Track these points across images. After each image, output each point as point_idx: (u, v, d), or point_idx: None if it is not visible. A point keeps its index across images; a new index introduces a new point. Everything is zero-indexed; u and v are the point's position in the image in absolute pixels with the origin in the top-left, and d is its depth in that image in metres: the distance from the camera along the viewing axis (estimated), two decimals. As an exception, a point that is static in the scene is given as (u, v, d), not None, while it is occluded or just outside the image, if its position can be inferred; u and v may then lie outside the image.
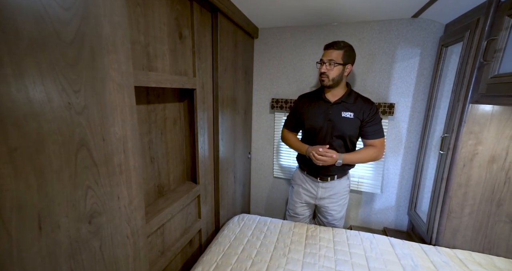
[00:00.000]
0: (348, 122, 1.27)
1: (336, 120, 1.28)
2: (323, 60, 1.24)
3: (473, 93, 1.09)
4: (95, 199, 0.59)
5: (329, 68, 1.21)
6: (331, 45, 1.23)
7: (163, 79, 0.88)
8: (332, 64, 1.20)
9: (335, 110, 1.29)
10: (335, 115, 1.28)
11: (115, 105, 0.62)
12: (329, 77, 1.22)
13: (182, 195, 1.10)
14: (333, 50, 1.21)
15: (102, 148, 0.60)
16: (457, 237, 1.29)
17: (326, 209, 1.45)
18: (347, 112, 1.27)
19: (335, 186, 1.41)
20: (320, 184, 1.41)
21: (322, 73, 1.24)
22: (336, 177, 1.38)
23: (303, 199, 1.49)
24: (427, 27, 1.44)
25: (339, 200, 1.43)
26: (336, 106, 1.29)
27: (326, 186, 1.41)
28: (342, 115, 1.27)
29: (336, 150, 1.30)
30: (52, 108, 0.48)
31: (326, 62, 1.21)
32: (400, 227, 1.78)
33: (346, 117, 1.27)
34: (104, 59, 0.58)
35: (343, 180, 1.42)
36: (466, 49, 1.12)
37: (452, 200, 1.25)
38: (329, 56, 1.21)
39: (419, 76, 1.51)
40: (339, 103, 1.29)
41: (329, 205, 1.43)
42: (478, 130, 1.14)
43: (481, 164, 1.18)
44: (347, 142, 1.31)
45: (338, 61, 1.20)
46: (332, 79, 1.23)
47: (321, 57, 1.26)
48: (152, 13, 0.83)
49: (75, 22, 0.50)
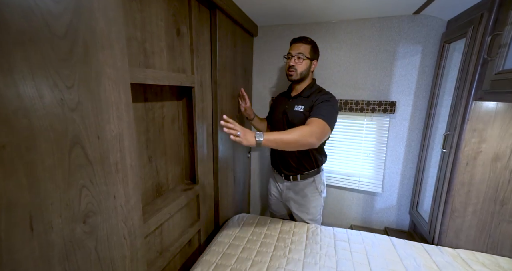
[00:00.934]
0: (298, 115, 1.23)
1: (289, 114, 1.27)
2: (291, 53, 1.22)
3: (477, 90, 1.07)
4: (90, 198, 0.58)
5: (297, 62, 1.21)
6: (298, 39, 1.23)
7: (161, 76, 0.86)
8: (300, 58, 1.20)
9: (291, 104, 1.29)
10: (289, 110, 1.28)
11: (110, 102, 0.61)
12: (297, 71, 1.21)
13: (180, 195, 1.08)
14: (301, 44, 1.21)
15: (97, 146, 0.58)
16: (460, 236, 1.27)
17: (293, 210, 1.44)
18: (299, 105, 1.25)
19: (300, 188, 1.37)
20: (285, 183, 1.41)
21: (290, 67, 1.22)
22: (299, 177, 1.34)
23: (273, 196, 1.52)
24: (429, 24, 1.42)
25: (306, 203, 1.37)
26: (293, 101, 1.30)
27: (290, 185, 1.40)
28: (294, 109, 1.26)
29: None
30: (43, 104, 0.46)
31: (295, 56, 1.20)
32: (402, 227, 1.76)
33: (297, 110, 1.25)
34: (99, 55, 0.56)
35: (308, 182, 1.35)
36: (470, 45, 1.10)
37: (455, 199, 1.23)
38: (297, 49, 1.20)
39: (421, 73, 1.49)
40: (296, 98, 1.29)
41: (295, 206, 1.41)
42: (481, 128, 1.12)
43: (485, 162, 1.16)
44: None
45: (306, 55, 1.20)
46: (300, 73, 1.22)
47: (288, 51, 1.24)
48: (148, 9, 0.82)
49: (66, 15, 0.49)
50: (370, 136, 1.68)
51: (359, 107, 1.60)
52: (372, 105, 1.57)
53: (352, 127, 1.70)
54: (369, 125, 1.66)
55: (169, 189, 1.13)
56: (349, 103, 1.62)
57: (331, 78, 1.66)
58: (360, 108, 1.60)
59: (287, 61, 1.26)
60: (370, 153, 1.70)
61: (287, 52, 1.26)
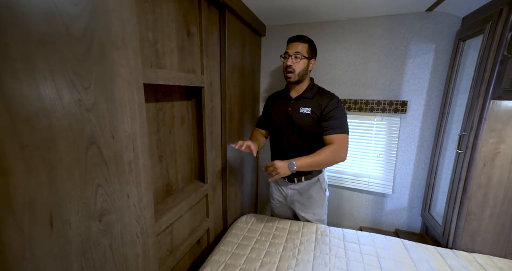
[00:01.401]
0: (305, 118, 1.19)
1: (294, 116, 1.22)
2: (288, 53, 1.17)
3: (495, 88, 1.04)
4: (105, 197, 0.59)
5: (295, 62, 1.16)
6: (296, 38, 1.18)
7: (172, 77, 0.87)
8: (298, 57, 1.15)
9: (294, 106, 1.24)
10: (294, 112, 1.23)
11: (124, 103, 0.62)
12: (295, 72, 1.16)
13: (190, 194, 1.09)
14: (298, 43, 1.16)
15: (112, 145, 0.59)
16: (476, 240, 1.23)
17: (299, 212, 1.40)
18: (305, 108, 1.20)
19: (305, 189, 1.33)
20: (289, 185, 1.36)
21: (287, 67, 1.17)
22: (303, 178, 1.31)
23: (276, 200, 1.46)
24: (442, 21, 1.38)
25: (311, 204, 1.35)
26: (295, 103, 1.24)
27: (294, 187, 1.35)
28: (300, 111, 1.21)
29: (299, 149, 1.24)
30: (62, 104, 0.47)
31: (292, 55, 1.15)
32: (413, 229, 1.72)
33: (303, 113, 1.20)
34: (113, 56, 0.57)
35: (312, 182, 1.32)
36: (487, 42, 1.07)
37: (471, 201, 1.19)
38: (295, 48, 1.16)
39: (434, 72, 1.45)
40: (299, 99, 1.24)
41: (301, 207, 1.37)
42: (500, 128, 1.08)
43: (504, 164, 1.12)
44: (309, 139, 1.23)
45: (304, 54, 1.16)
46: (298, 74, 1.17)
47: (285, 50, 1.19)
48: (160, 10, 0.83)
49: (84, 17, 0.50)
50: (380, 136, 1.65)
51: (369, 107, 1.57)
52: (382, 105, 1.54)
53: (362, 127, 1.68)
54: (379, 125, 1.63)
55: (178, 189, 1.14)
56: (358, 103, 1.60)
57: (340, 77, 1.64)
58: (370, 108, 1.57)
59: (284, 61, 1.21)
60: (380, 153, 1.67)
61: (284, 52, 1.21)
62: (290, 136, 1.26)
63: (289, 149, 1.27)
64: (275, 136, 1.33)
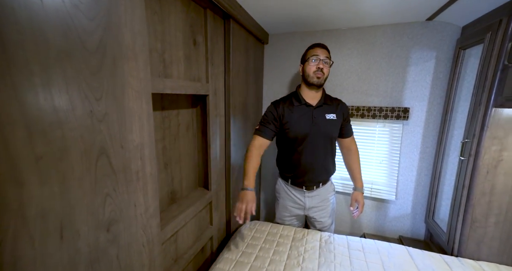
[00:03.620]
0: (332, 124, 1.25)
1: (321, 123, 1.23)
2: (319, 56, 1.17)
3: (496, 96, 1.05)
4: (113, 207, 0.59)
5: (325, 66, 1.19)
6: (322, 45, 1.23)
7: (178, 85, 0.89)
8: (327, 62, 1.20)
9: (318, 113, 1.25)
10: (320, 119, 1.24)
11: (133, 113, 0.63)
12: (324, 75, 1.19)
13: (194, 202, 1.09)
14: (325, 50, 1.21)
15: (121, 155, 0.60)
16: (482, 248, 1.22)
17: (315, 218, 1.40)
18: (330, 114, 1.25)
19: (321, 193, 1.37)
20: (307, 194, 1.35)
21: (318, 69, 1.17)
22: (321, 184, 1.34)
23: (291, 213, 1.42)
24: (443, 29, 1.41)
25: (327, 206, 1.39)
26: (319, 109, 1.25)
27: (312, 194, 1.35)
28: (326, 118, 1.24)
29: (323, 155, 1.28)
30: (75, 116, 0.48)
31: (323, 59, 1.18)
32: (417, 236, 1.71)
33: (331, 119, 1.25)
34: (124, 67, 0.59)
35: (327, 186, 1.38)
36: (488, 51, 1.08)
37: (475, 208, 1.19)
38: (324, 54, 1.19)
39: (435, 79, 1.47)
40: (321, 106, 1.26)
41: (318, 213, 1.39)
42: (502, 136, 1.09)
43: (507, 171, 1.12)
44: (331, 144, 1.30)
45: (330, 60, 1.21)
46: (325, 78, 1.21)
47: (313, 54, 1.19)
48: (168, 20, 0.85)
49: (98, 32, 0.51)
50: (382, 143, 1.65)
51: (371, 113, 1.58)
52: (384, 112, 1.56)
53: (364, 133, 1.68)
54: (382, 132, 1.64)
55: (183, 196, 1.14)
56: (360, 109, 1.61)
57: (342, 84, 1.66)
58: (372, 115, 1.58)
59: (312, 63, 1.17)
60: (382, 160, 1.67)
61: (311, 54, 1.18)
62: (316, 143, 1.24)
63: (312, 155, 1.26)
64: (297, 146, 1.24)
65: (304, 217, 1.49)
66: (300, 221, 1.50)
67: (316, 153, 1.27)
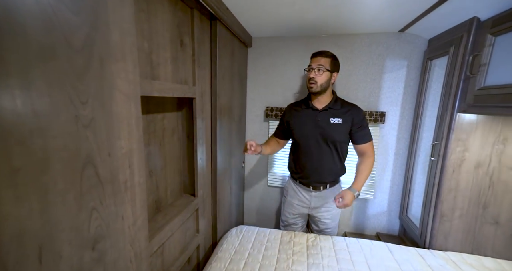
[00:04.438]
0: (337, 128, 1.28)
1: (325, 127, 1.29)
2: (311, 66, 1.25)
3: (460, 103, 1.17)
4: (100, 221, 0.53)
5: (317, 74, 1.23)
6: (319, 53, 1.27)
7: (166, 88, 0.84)
8: (321, 70, 1.23)
9: (323, 117, 1.30)
10: (324, 122, 1.29)
11: (122, 117, 0.58)
12: (318, 83, 1.24)
13: (181, 210, 1.04)
14: (321, 57, 1.25)
15: (108, 164, 0.54)
16: (448, 240, 1.34)
17: (319, 218, 1.44)
18: (335, 118, 1.29)
19: (328, 195, 1.40)
20: (313, 193, 1.40)
21: (310, 79, 1.25)
22: (328, 185, 1.38)
23: (296, 211, 1.48)
24: (413, 41, 1.54)
25: (333, 209, 1.42)
26: (324, 113, 1.31)
27: (319, 195, 1.40)
28: (330, 122, 1.29)
29: (327, 157, 1.32)
30: (58, 122, 0.42)
31: (315, 68, 1.23)
32: (393, 232, 1.83)
33: (335, 123, 1.28)
34: (112, 68, 0.54)
35: (335, 189, 1.42)
36: (452, 62, 1.21)
37: (443, 204, 1.31)
38: (318, 61, 1.24)
39: (407, 86, 1.60)
40: (327, 110, 1.31)
41: (322, 214, 1.43)
42: (465, 138, 1.22)
43: (468, 169, 1.25)
44: (338, 148, 1.32)
45: (326, 67, 1.24)
46: (320, 86, 1.25)
47: (309, 63, 1.28)
48: (155, 19, 0.80)
49: (84, 28, 0.46)
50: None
51: (351, 117, 1.66)
52: (363, 116, 1.64)
53: (344, 136, 1.76)
54: (360, 135, 1.73)
55: (168, 204, 1.08)
56: (341, 113, 1.68)
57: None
58: (352, 118, 1.66)
59: (307, 73, 1.27)
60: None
61: (308, 64, 1.28)
62: (319, 146, 1.31)
63: (317, 158, 1.33)
64: (302, 146, 1.35)
65: (307, 216, 1.53)
66: (303, 221, 1.54)
67: (321, 155, 1.31)
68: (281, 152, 1.87)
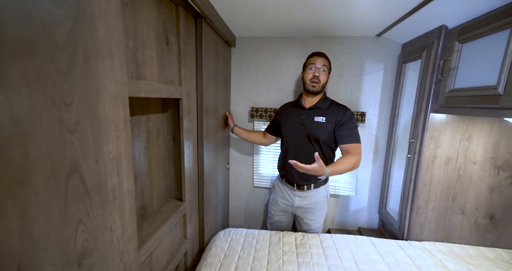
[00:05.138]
0: (320, 126, 1.31)
1: (308, 125, 1.32)
2: (316, 65, 1.28)
3: (433, 104, 1.27)
4: (87, 235, 0.49)
5: (322, 74, 1.28)
6: (320, 53, 1.31)
7: (153, 88, 0.79)
8: (325, 70, 1.28)
9: (308, 115, 1.34)
10: (308, 120, 1.33)
11: (109, 120, 0.53)
12: (321, 83, 1.28)
13: (169, 216, 0.99)
14: (323, 58, 1.29)
15: (95, 171, 0.50)
16: (424, 230, 1.45)
17: (302, 219, 1.47)
18: (319, 116, 1.32)
19: (312, 195, 1.42)
20: (297, 193, 1.43)
21: (314, 78, 1.27)
22: (312, 186, 1.40)
23: (280, 207, 1.50)
24: (388, 45, 1.64)
25: (316, 210, 1.45)
26: (310, 112, 1.35)
27: (303, 195, 1.42)
28: (314, 120, 1.32)
29: (311, 155, 1.31)
30: (40, 127, 0.38)
31: (320, 68, 1.27)
32: (372, 226, 1.92)
33: (318, 121, 1.31)
34: (99, 67, 0.49)
35: (320, 190, 1.43)
36: (425, 66, 1.31)
37: (419, 198, 1.41)
38: (322, 62, 1.28)
39: (384, 88, 1.69)
40: (313, 109, 1.35)
41: (306, 215, 1.46)
42: (437, 136, 1.32)
43: (440, 165, 1.36)
44: (322, 147, 1.34)
45: (328, 67, 1.30)
46: (322, 85, 1.29)
47: (311, 62, 1.30)
48: (140, 16, 0.75)
49: (67, 22, 0.42)
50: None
51: (334, 117, 1.72)
52: (344, 116, 1.71)
53: (328, 136, 1.82)
54: (342, 134, 1.80)
55: (154, 210, 1.02)
56: (324, 113, 1.73)
57: (307, 90, 1.76)
58: (335, 119, 1.72)
59: (309, 71, 1.30)
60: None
61: (310, 63, 1.30)
62: (304, 143, 1.34)
63: (302, 155, 1.34)
64: (288, 143, 1.41)
65: (292, 215, 1.54)
66: (288, 219, 1.55)
67: (305, 153, 1.32)
68: (267, 152, 1.88)
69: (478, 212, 1.41)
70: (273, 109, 1.74)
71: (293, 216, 1.56)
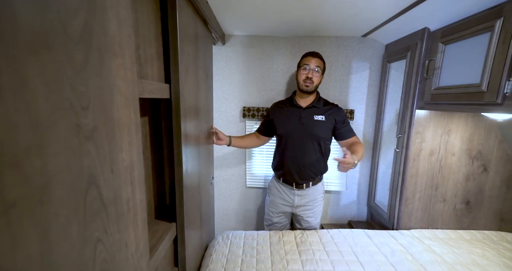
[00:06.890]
0: (320, 125, 1.36)
1: (308, 123, 1.35)
2: (309, 65, 1.29)
3: (418, 101, 1.36)
4: (105, 254, 0.43)
5: (315, 74, 1.29)
6: (315, 53, 1.32)
7: (155, 88, 0.74)
8: (319, 71, 1.29)
9: (307, 114, 1.37)
10: (308, 119, 1.36)
11: (122, 124, 0.48)
12: (314, 84, 1.30)
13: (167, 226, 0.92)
14: (317, 59, 1.31)
15: (111, 182, 0.44)
16: (411, 219, 1.55)
17: (302, 217, 1.49)
18: (319, 115, 1.36)
19: (311, 193, 1.46)
20: (296, 192, 1.44)
21: (308, 79, 1.29)
22: (311, 183, 1.44)
23: (280, 209, 1.50)
24: (373, 45, 1.72)
25: (315, 207, 1.49)
26: (308, 111, 1.38)
27: (302, 193, 1.45)
28: (314, 119, 1.35)
29: (309, 153, 1.37)
30: (58, 134, 0.32)
31: (314, 68, 1.28)
32: (361, 218, 2.01)
33: (318, 120, 1.36)
34: (111, 64, 0.44)
35: (318, 187, 1.48)
36: (410, 66, 1.39)
37: (407, 189, 1.50)
38: (316, 63, 1.29)
39: (370, 86, 1.78)
40: (311, 108, 1.38)
41: (305, 212, 1.48)
42: (422, 131, 1.42)
43: (425, 158, 1.47)
44: (321, 145, 1.38)
45: (322, 68, 1.31)
46: (315, 86, 1.32)
47: (305, 63, 1.31)
48: (141, 9, 0.69)
49: (82, 12, 0.36)
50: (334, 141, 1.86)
51: (324, 115, 1.77)
52: (334, 114, 1.76)
53: (318, 134, 1.86)
54: (332, 131, 1.85)
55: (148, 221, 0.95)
56: (315, 112, 1.77)
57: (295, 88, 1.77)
58: (325, 117, 1.77)
59: (302, 72, 1.31)
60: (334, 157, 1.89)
61: (303, 63, 1.31)
62: (302, 142, 1.34)
63: (300, 154, 1.36)
64: (286, 142, 1.39)
65: (291, 214, 1.54)
66: (287, 218, 1.55)
67: (304, 151, 1.34)
68: (260, 152, 1.87)
69: (456, 198, 1.54)
70: (265, 109, 1.74)
71: (291, 216, 1.57)
